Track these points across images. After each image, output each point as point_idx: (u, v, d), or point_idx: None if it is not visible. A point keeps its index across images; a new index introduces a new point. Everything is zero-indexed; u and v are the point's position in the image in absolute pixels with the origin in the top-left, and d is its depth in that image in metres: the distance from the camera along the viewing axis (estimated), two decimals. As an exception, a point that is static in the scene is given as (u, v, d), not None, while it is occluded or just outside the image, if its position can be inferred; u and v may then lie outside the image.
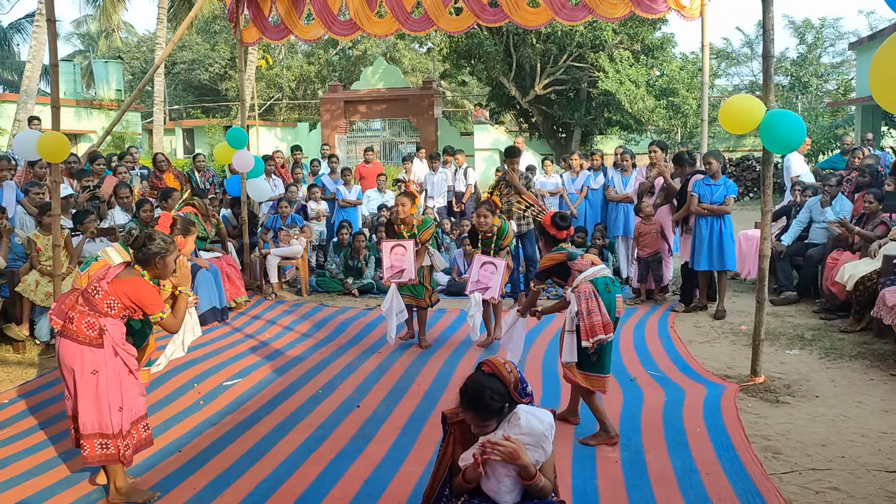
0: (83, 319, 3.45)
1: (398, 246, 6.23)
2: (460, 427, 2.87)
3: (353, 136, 27.73)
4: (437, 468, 2.92)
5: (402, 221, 6.31)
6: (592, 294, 3.99)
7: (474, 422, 2.74)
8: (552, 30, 19.87)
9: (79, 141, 23.45)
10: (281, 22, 8.76)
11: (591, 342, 3.96)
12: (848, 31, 25.96)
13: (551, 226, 4.34)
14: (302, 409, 4.87)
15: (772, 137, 4.76)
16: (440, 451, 2.92)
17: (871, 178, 7.95)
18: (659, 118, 19.18)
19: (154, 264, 3.59)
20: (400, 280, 6.20)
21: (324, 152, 12.04)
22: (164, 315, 3.60)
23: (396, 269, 6.21)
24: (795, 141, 4.77)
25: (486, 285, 6.16)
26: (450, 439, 2.89)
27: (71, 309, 3.50)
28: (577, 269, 4.17)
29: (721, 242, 7.17)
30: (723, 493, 3.49)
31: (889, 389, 4.93)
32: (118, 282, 3.50)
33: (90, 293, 3.49)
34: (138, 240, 3.63)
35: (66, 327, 3.47)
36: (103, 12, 27.84)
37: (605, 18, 8.47)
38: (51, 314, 3.57)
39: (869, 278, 6.33)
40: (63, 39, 39.06)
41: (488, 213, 6.20)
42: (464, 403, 2.75)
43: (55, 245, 6.10)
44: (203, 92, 34.96)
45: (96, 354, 3.45)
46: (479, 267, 6.24)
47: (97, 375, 3.44)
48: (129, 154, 9.95)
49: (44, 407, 4.95)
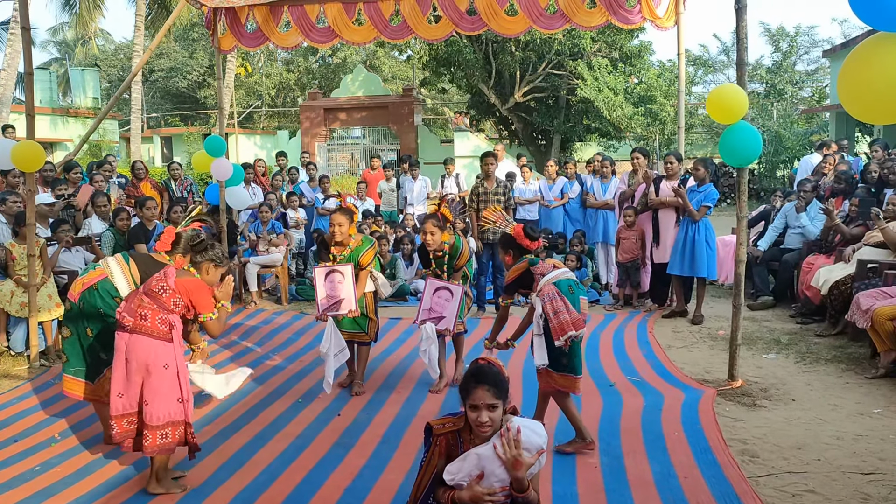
0: (156, 316, 3.63)
1: (334, 272, 5.23)
2: (446, 439, 2.86)
3: (334, 144, 27.69)
4: (421, 478, 2.90)
5: (337, 243, 5.29)
6: (556, 294, 3.94)
7: (485, 399, 2.69)
8: (531, 38, 20.01)
9: (55, 150, 23.20)
10: (258, 29, 8.74)
11: (563, 339, 3.87)
12: (822, 39, 26.44)
13: (524, 237, 4.26)
14: (282, 417, 4.84)
15: (729, 151, 4.95)
16: (424, 461, 2.90)
17: (846, 185, 8.07)
18: (637, 125, 19.36)
19: (206, 270, 3.84)
20: (337, 313, 5.19)
21: (303, 160, 12.02)
22: (213, 316, 3.81)
23: (333, 300, 5.21)
24: (752, 154, 4.92)
25: (440, 314, 5.35)
26: (434, 451, 2.86)
27: (140, 307, 3.64)
28: (539, 272, 4.14)
29: (693, 249, 7.17)
30: (701, 496, 3.52)
31: (864, 392, 5.00)
32: (182, 280, 3.71)
33: (156, 292, 3.66)
34: (202, 243, 3.87)
35: (138, 324, 3.61)
36: (79, 20, 27.55)
37: (582, 27, 8.54)
38: (120, 311, 3.70)
39: (843, 283, 6.42)
40: (39, 47, 38.63)
41: (436, 230, 5.30)
42: (477, 380, 2.72)
43: (30, 255, 6.03)
44: (181, 100, 34.78)
45: (167, 349, 3.63)
46: (433, 293, 5.42)
47: (169, 369, 3.62)
48: (108, 163, 9.87)
49: (39, 410, 4.92)
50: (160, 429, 3.60)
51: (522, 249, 4.29)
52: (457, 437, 2.86)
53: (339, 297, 5.20)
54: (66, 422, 4.77)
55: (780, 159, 20.77)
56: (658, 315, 7.65)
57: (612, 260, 8.89)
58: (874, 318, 5.31)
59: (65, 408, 5.01)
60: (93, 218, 7.83)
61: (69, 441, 4.44)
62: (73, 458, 4.18)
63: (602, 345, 6.57)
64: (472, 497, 2.69)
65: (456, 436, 2.86)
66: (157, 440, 3.60)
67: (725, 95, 4.91)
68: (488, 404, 2.69)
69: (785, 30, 23.46)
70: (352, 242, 5.29)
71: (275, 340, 7.01)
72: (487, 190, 7.96)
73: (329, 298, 5.23)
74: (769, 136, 20.36)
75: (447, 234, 5.39)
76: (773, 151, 20.51)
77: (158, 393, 3.60)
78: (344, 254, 5.27)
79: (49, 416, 4.91)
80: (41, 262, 6.37)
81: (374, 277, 5.53)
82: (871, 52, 2.92)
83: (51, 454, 4.26)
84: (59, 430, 4.64)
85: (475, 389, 2.71)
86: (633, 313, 7.84)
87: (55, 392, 5.30)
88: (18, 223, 6.42)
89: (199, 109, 33.37)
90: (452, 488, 2.77)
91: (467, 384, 2.75)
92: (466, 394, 2.75)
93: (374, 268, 5.52)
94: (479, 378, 2.73)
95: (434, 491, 2.85)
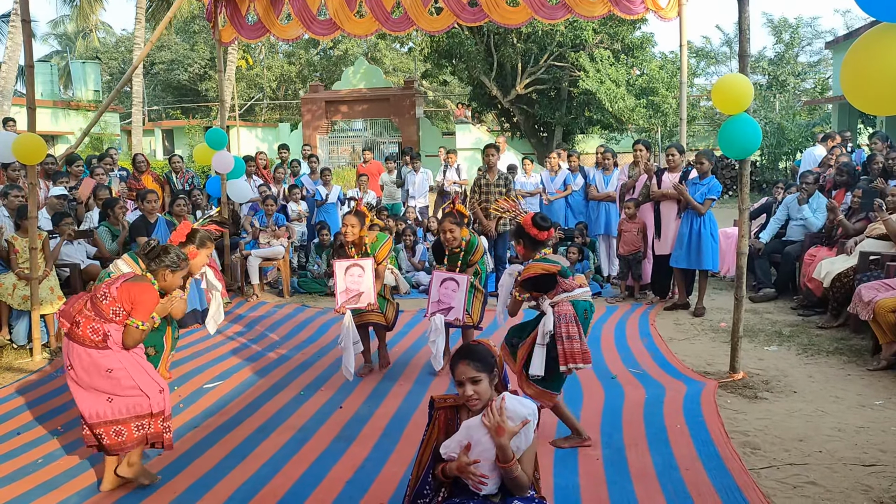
0: (88, 324, 3.49)
1: (354, 266, 5.37)
2: (445, 413, 2.92)
3: (335, 137, 27.66)
4: (422, 455, 2.95)
5: (351, 244, 5.46)
6: (573, 318, 3.88)
7: (466, 373, 2.76)
8: (532, 29, 19.95)
9: (56, 142, 23.19)
10: (259, 21, 8.72)
11: (568, 368, 3.87)
12: (824, 30, 26.33)
13: (532, 226, 4.11)
14: (284, 410, 4.85)
15: (728, 142, 4.93)
16: (425, 437, 2.95)
17: (848, 177, 8.05)
18: (639, 117, 19.31)
19: (162, 276, 3.73)
20: (357, 305, 5.35)
21: (304, 153, 12.01)
22: (141, 327, 3.52)
23: (353, 293, 5.36)
24: (751, 146, 4.89)
25: (449, 305, 5.44)
26: (434, 425, 2.93)
27: (78, 313, 3.54)
28: (565, 288, 4.03)
29: (699, 242, 7.17)
30: (703, 488, 3.52)
31: (865, 384, 5.00)
32: (128, 287, 3.53)
33: (98, 298, 3.52)
34: (154, 250, 3.75)
35: (71, 330, 3.51)
36: (80, 12, 27.53)
37: (584, 17, 8.51)
38: (58, 315, 3.61)
39: (845, 275, 6.41)
40: (39, 40, 38.62)
41: (455, 227, 5.38)
42: (459, 356, 2.81)
43: (32, 248, 6.03)
44: (182, 92, 34.73)
45: (104, 355, 3.49)
46: (439, 285, 5.50)
47: (113, 372, 3.49)
48: (109, 156, 9.87)
49: (42, 402, 4.94)
50: (132, 421, 3.53)
51: (534, 240, 4.14)
52: (455, 413, 2.93)
53: (359, 291, 5.35)
54: (69, 414, 4.78)
55: (782, 151, 20.74)
56: (660, 307, 7.65)
57: (613, 252, 8.89)
58: (876, 310, 5.30)
59: (68, 400, 5.02)
60: (94, 211, 7.84)
61: (72, 433, 4.45)
62: (76, 450, 4.19)
63: (604, 337, 6.57)
64: (459, 467, 2.74)
65: (454, 411, 2.93)
66: (134, 433, 3.54)
67: (732, 85, 4.88)
68: (470, 377, 2.77)
69: (787, 21, 23.38)
70: (367, 240, 5.47)
71: (276, 333, 7.02)
72: (489, 182, 7.95)
73: (349, 291, 5.37)
74: (771, 128, 20.32)
75: (465, 230, 5.48)
76: (775, 143, 20.48)
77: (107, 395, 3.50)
78: (360, 253, 5.46)
79: (52, 408, 4.93)
80: (43, 256, 6.38)
81: (394, 273, 5.79)
82: (875, 43, 2.91)
83: (54, 447, 4.28)
84: (63, 422, 4.66)
85: (457, 365, 2.81)
86: (635, 306, 7.84)
87: (58, 384, 5.32)
88: (20, 217, 6.42)
89: (201, 102, 33.32)
90: (447, 462, 2.81)
91: (453, 363, 2.84)
92: (452, 372, 2.85)
93: (391, 263, 5.73)
94: (460, 354, 2.84)
95: (433, 467, 2.88)
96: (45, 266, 6.36)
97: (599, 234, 9.13)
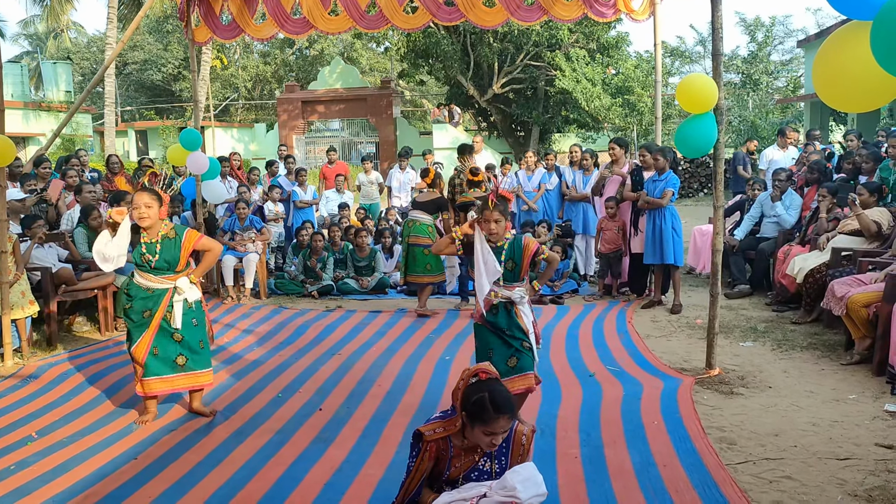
0: None
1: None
2: (437, 444, 2.86)
3: (312, 137, 27.52)
4: (409, 483, 2.90)
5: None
6: None
7: (507, 426, 2.75)
8: (509, 29, 19.99)
9: (27, 144, 22.84)
10: (233, 21, 8.63)
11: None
12: (796, 29, 26.69)
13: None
14: (261, 413, 4.80)
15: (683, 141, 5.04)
16: (413, 467, 2.90)
17: (819, 175, 8.14)
18: (615, 116, 19.43)
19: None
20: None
21: (280, 153, 11.93)
22: None
23: None
24: (705, 145, 4.97)
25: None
26: (424, 456, 2.86)
27: None
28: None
29: (661, 237, 7.29)
30: (680, 484, 3.54)
31: (839, 379, 5.06)
32: None
33: None
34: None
35: None
36: (51, 12, 27.19)
37: (559, 20, 8.56)
38: None
39: (818, 270, 6.49)
40: (10, 40, 37.98)
41: (501, 217, 4.13)
42: (498, 410, 2.71)
43: (2, 251, 5.92)
44: (156, 93, 34.37)
45: None
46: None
47: None
48: (76, 157, 9.67)
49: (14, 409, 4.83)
50: None
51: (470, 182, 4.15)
52: (447, 442, 2.87)
53: None
54: (42, 420, 4.70)
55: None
56: (637, 305, 7.69)
57: (591, 251, 8.94)
58: (849, 305, 5.37)
59: (41, 406, 4.95)
60: (75, 209, 7.72)
61: (46, 439, 4.37)
62: (49, 456, 4.12)
63: (581, 335, 6.59)
64: None
65: (447, 441, 2.87)
66: None
67: (695, 86, 4.92)
68: (506, 428, 2.76)
69: (760, 20, 23.66)
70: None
71: (253, 335, 6.95)
72: (465, 181, 7.93)
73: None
74: (745, 127, 20.53)
75: (509, 223, 4.27)
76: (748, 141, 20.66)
77: None
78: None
79: (24, 415, 4.83)
80: (14, 259, 6.26)
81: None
82: (845, 41, 2.94)
83: (27, 453, 4.19)
84: (37, 428, 4.57)
85: (497, 419, 2.72)
86: (612, 303, 7.88)
87: (31, 390, 5.23)
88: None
89: (175, 102, 32.98)
90: (437, 494, 2.78)
91: (484, 412, 2.72)
92: (484, 422, 2.73)
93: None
94: (498, 408, 2.72)
95: (420, 494, 2.85)
96: (16, 270, 6.24)
97: (578, 233, 9.16)
